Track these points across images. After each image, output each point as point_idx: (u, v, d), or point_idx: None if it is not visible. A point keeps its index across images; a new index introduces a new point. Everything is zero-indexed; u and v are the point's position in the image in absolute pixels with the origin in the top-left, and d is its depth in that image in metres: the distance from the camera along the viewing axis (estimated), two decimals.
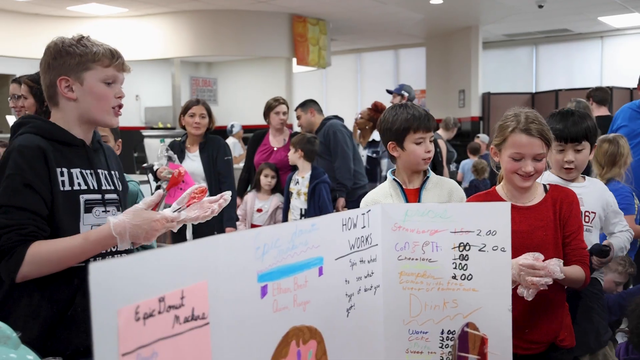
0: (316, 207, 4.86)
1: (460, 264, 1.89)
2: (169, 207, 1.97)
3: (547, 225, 2.27)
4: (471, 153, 9.62)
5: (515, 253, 2.00)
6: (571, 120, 2.70)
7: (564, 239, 2.28)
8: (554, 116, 2.74)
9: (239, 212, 5.30)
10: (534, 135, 2.21)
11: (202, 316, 1.26)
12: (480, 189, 7.88)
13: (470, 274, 1.88)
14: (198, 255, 1.28)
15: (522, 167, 2.22)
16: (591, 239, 2.64)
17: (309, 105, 5.79)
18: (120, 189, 2.13)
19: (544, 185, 2.36)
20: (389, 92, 6.80)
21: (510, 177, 2.28)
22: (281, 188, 5.27)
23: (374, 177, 6.35)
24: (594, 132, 2.71)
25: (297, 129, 6.31)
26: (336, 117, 5.79)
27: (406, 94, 6.70)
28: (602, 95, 6.54)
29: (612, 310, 3.30)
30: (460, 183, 8.20)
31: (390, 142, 2.52)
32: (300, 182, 4.97)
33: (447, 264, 1.89)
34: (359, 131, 6.82)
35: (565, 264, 2.14)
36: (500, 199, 2.31)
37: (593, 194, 2.73)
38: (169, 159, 4.52)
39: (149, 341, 1.14)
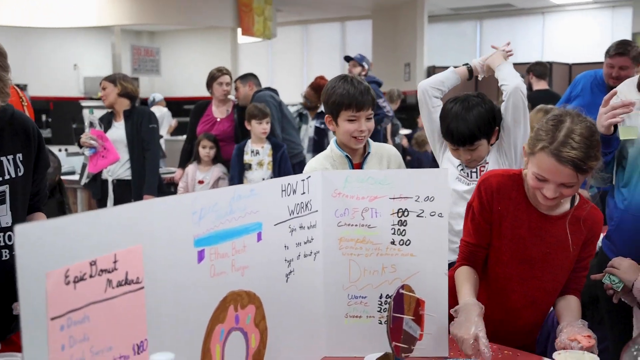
0: (283, 175, 4.83)
1: (398, 229, 1.91)
2: (92, 175, 1.92)
3: (555, 244, 2.01)
4: None
5: (510, 261, 2.02)
6: (460, 122, 2.52)
7: (575, 263, 2.05)
8: (446, 113, 2.59)
9: (180, 184, 5.27)
10: (564, 163, 1.80)
11: (137, 280, 1.24)
12: (422, 161, 7.99)
13: (408, 240, 1.91)
14: (132, 219, 1.25)
15: (544, 189, 1.87)
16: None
17: (248, 78, 5.73)
18: (14, 175, 1.98)
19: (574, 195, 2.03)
20: (347, 59, 6.75)
21: (532, 192, 1.97)
22: (222, 159, 5.22)
23: (322, 148, 6.35)
24: (487, 126, 2.51)
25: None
26: (268, 88, 5.75)
27: (366, 66, 6.71)
28: (541, 69, 6.67)
29: None
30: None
31: (327, 115, 2.51)
32: (261, 152, 4.92)
33: (386, 230, 1.91)
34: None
35: (563, 289, 2.06)
36: (522, 188, 2.03)
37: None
38: (91, 124, 4.51)
39: (80, 305, 1.12)
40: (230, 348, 1.52)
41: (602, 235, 2.35)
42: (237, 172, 4.87)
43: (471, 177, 2.59)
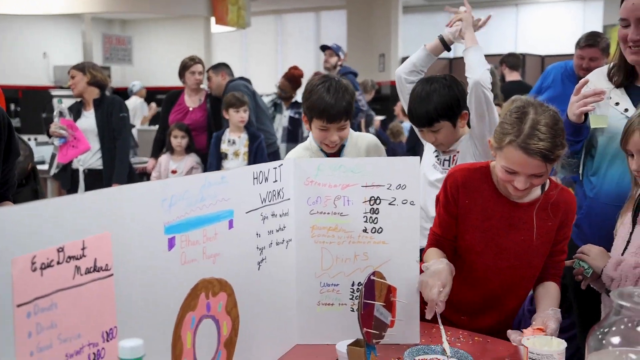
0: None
1: (370, 217, 1.91)
2: (62, 165, 1.89)
3: (529, 230, 2.02)
4: (404, 114, 9.77)
5: (485, 250, 2.02)
6: (418, 103, 2.50)
7: (550, 248, 2.06)
8: (411, 94, 2.57)
9: (153, 174, 5.23)
10: (533, 155, 1.82)
11: (105, 267, 1.23)
12: (397, 152, 8.01)
13: (380, 227, 1.91)
14: (100, 205, 1.24)
15: (515, 181, 1.89)
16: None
17: (221, 68, 5.69)
18: None
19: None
20: (323, 48, 6.73)
21: (502, 184, 1.98)
22: (195, 148, 5.19)
23: (295, 137, 6.34)
24: (448, 108, 2.47)
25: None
26: (242, 78, 5.71)
27: (342, 56, 6.70)
28: (514, 61, 6.72)
29: None
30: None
31: (304, 115, 2.51)
32: (238, 142, 4.89)
33: (358, 218, 1.91)
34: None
35: (541, 275, 2.07)
36: (491, 179, 2.04)
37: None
38: (60, 114, 4.46)
39: (48, 292, 1.10)
40: (202, 336, 1.51)
41: None
42: (214, 161, 4.85)
43: (443, 165, 2.59)
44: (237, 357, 1.65)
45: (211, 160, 4.91)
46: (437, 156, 2.61)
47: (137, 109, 9.50)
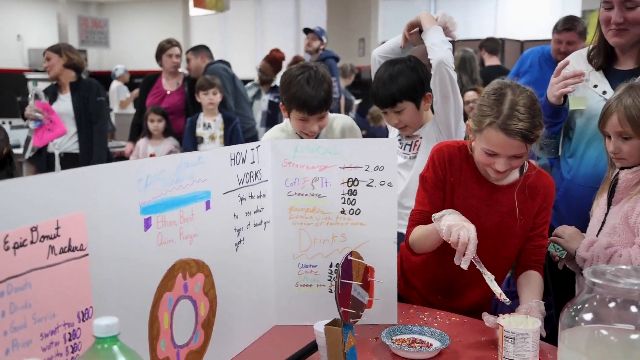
0: None
1: (348, 198, 1.91)
2: (37, 148, 1.87)
3: (507, 213, 2.02)
4: None
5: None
6: (381, 84, 2.48)
7: (529, 231, 2.06)
8: (375, 75, 2.56)
9: (131, 158, 5.19)
10: (513, 136, 1.82)
11: (80, 247, 1.22)
12: (377, 136, 8.02)
13: (358, 209, 1.91)
14: (75, 184, 1.23)
15: (495, 163, 1.89)
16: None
17: (200, 50, 5.64)
18: None
19: (524, 163, 2.06)
20: (306, 31, 6.70)
21: (482, 166, 1.99)
22: (173, 131, 5.16)
23: (275, 121, 6.32)
24: (412, 89, 2.45)
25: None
26: (221, 61, 5.67)
27: (325, 40, 6.67)
28: (493, 45, 6.75)
29: None
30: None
31: (281, 103, 2.49)
32: (213, 126, 4.86)
33: (336, 199, 1.92)
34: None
35: (521, 261, 2.05)
36: (471, 159, 2.03)
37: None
38: (36, 96, 4.41)
39: (21, 271, 1.09)
40: (179, 316, 1.51)
41: None
42: (190, 146, 4.81)
43: (404, 150, 2.58)
44: (215, 338, 1.65)
45: (186, 145, 4.87)
46: (399, 140, 2.59)
47: (119, 93, 9.39)
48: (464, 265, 1.78)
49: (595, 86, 2.29)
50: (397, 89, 2.45)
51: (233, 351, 1.74)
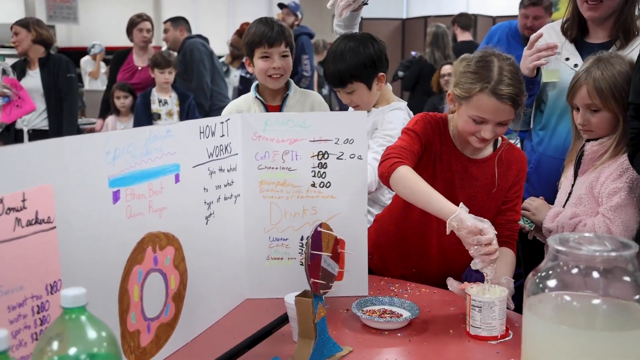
0: None
1: (319, 172, 1.92)
2: (5, 125, 1.85)
3: (481, 187, 2.04)
4: None
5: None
6: (331, 63, 2.42)
7: (501, 205, 2.07)
8: (327, 54, 2.49)
9: None
10: (504, 100, 1.84)
11: (48, 220, 1.21)
12: None
13: (328, 182, 1.92)
14: (41, 157, 1.21)
15: (482, 131, 1.89)
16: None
17: (180, 22, 5.56)
18: None
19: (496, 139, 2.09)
20: (280, 6, 6.64)
21: (465, 135, 1.97)
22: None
23: None
24: (361, 69, 2.37)
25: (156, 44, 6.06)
26: (199, 36, 5.61)
27: (300, 16, 6.62)
28: (465, 21, 6.77)
29: None
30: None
31: (246, 58, 2.50)
32: (170, 102, 4.82)
33: (306, 173, 1.92)
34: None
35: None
36: (448, 133, 2.04)
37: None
38: (3, 72, 4.34)
39: None
40: (149, 289, 1.51)
41: None
42: (145, 122, 4.70)
43: None
44: (186, 311, 1.65)
45: (141, 121, 4.77)
46: None
47: (87, 65, 9.24)
48: (489, 273, 1.71)
49: (567, 59, 2.32)
50: (346, 68, 2.38)
51: (204, 324, 1.75)
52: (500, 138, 2.08)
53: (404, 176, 1.85)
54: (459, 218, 1.70)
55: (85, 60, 9.38)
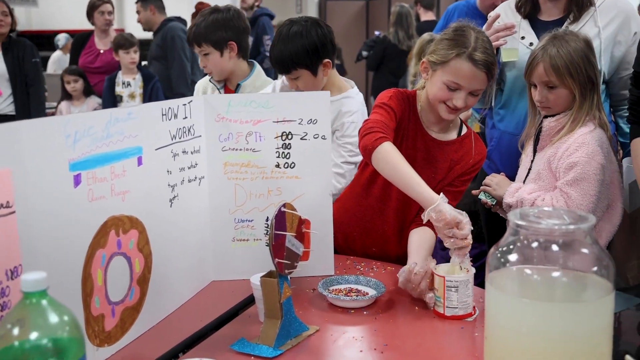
0: None
1: (283, 152, 1.92)
2: None
3: (441, 169, 2.06)
4: None
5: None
6: (276, 48, 2.37)
7: (446, 185, 2.06)
8: (273, 38, 2.44)
9: None
10: (480, 67, 1.88)
11: (7, 205, 1.19)
12: None
13: (293, 162, 1.92)
14: None
15: (454, 99, 1.91)
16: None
17: (149, 1, 5.46)
18: None
19: (461, 124, 2.11)
20: None
21: (435, 104, 1.97)
22: (94, 90, 5.03)
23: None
24: (305, 55, 2.33)
25: (135, 26, 5.92)
26: (178, 18, 5.51)
27: None
28: (428, 0, 6.77)
29: None
30: None
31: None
32: (133, 84, 4.77)
33: (270, 153, 1.92)
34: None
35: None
36: (416, 110, 2.05)
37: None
38: None
39: None
40: (113, 273, 1.50)
41: None
42: (109, 105, 4.68)
43: None
44: (152, 294, 1.65)
45: (106, 104, 4.75)
46: None
47: (57, 64, 8.99)
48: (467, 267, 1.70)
49: (523, 38, 2.34)
50: (289, 54, 2.34)
51: (170, 307, 1.75)
52: (465, 127, 2.11)
53: (388, 153, 1.83)
54: (438, 210, 1.69)
55: (56, 56, 9.15)
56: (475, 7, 4.20)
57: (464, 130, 2.10)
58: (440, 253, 2.88)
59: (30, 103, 4.56)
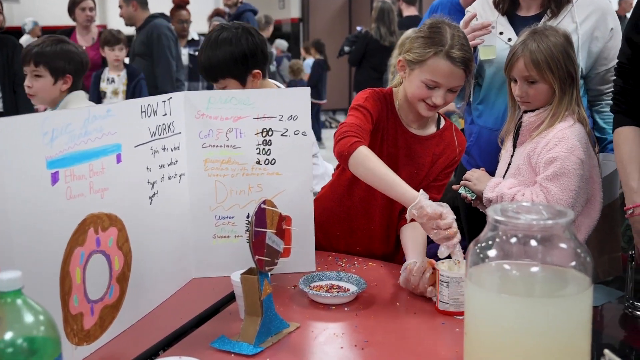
0: None
1: (263, 149, 1.91)
2: None
3: (423, 164, 2.07)
4: (306, 52, 9.73)
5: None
6: (204, 55, 2.32)
7: (432, 181, 2.10)
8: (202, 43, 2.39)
9: None
10: (458, 64, 1.88)
11: None
12: None
13: (273, 159, 1.92)
14: None
15: (433, 97, 1.91)
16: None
17: None
18: None
19: (439, 117, 2.13)
20: None
21: (414, 102, 1.97)
22: (84, 87, 5.00)
23: (197, 76, 6.20)
24: (233, 65, 2.29)
25: (118, 22, 5.85)
26: (162, 15, 5.46)
27: None
28: None
29: None
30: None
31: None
32: (117, 80, 4.73)
33: (251, 150, 1.91)
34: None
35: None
36: (394, 108, 2.06)
37: None
38: None
39: None
40: (92, 271, 1.49)
41: None
42: (95, 101, 4.66)
43: None
44: (131, 292, 1.64)
45: (91, 101, 4.71)
46: None
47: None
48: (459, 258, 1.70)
49: (501, 33, 2.35)
50: (216, 62, 2.29)
51: (150, 305, 1.74)
52: (443, 119, 2.12)
53: (365, 157, 1.84)
54: (419, 206, 1.70)
55: (25, 40, 9.11)
56: (459, 4, 4.20)
57: (442, 123, 2.11)
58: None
59: (18, 102, 4.51)
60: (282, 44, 10.20)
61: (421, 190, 1.75)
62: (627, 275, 1.96)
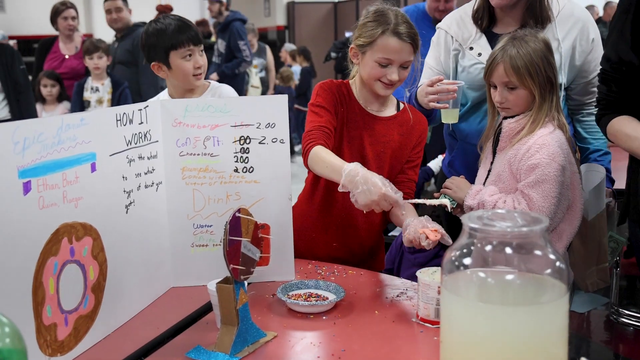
0: None
1: (241, 157, 1.91)
2: None
3: (387, 143, 2.15)
4: (292, 59, 9.74)
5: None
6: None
7: (404, 163, 2.20)
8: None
9: None
10: (405, 40, 2.00)
11: None
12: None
13: (251, 167, 1.91)
14: None
15: (388, 74, 2.03)
16: None
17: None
18: None
19: (398, 101, 2.23)
20: None
21: (371, 83, 2.08)
22: (69, 96, 4.98)
23: None
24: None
25: (103, 31, 5.79)
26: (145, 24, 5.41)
27: (224, 1, 6.51)
28: (394, 3, 6.78)
29: None
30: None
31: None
32: (101, 89, 4.71)
33: (228, 158, 1.90)
34: None
35: None
36: (352, 94, 2.15)
37: None
38: None
39: None
40: (66, 281, 1.47)
41: (442, 157, 2.47)
42: (77, 110, 4.65)
43: None
44: (107, 302, 1.62)
45: (74, 110, 4.71)
46: None
47: None
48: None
49: (480, 54, 2.33)
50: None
51: (127, 315, 1.72)
52: (400, 104, 2.21)
53: (316, 155, 1.93)
54: (347, 171, 1.78)
55: None
56: (425, 12, 4.19)
57: (401, 106, 2.21)
58: (408, 257, 2.89)
59: (21, 109, 4.49)
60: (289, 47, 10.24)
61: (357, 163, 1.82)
62: (612, 282, 1.96)
